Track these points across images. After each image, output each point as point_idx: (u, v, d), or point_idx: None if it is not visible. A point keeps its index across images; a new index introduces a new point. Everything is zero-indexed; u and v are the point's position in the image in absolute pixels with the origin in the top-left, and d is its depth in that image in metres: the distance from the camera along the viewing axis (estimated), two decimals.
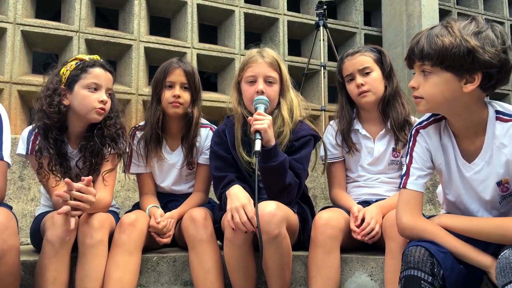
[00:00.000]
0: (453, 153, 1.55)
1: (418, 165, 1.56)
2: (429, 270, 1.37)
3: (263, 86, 1.89)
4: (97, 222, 1.75)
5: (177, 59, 2.13)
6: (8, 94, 3.38)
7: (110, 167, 1.93)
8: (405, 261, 1.42)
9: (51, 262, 1.68)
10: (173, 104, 2.05)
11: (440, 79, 1.40)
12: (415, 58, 1.44)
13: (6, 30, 3.42)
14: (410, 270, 1.39)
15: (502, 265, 1.30)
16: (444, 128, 1.56)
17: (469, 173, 1.52)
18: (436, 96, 1.43)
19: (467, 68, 1.36)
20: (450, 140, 1.55)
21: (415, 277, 1.37)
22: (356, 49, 2.08)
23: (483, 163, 1.50)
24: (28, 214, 2.58)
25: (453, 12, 5.05)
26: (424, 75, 1.43)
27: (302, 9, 4.78)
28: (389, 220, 1.72)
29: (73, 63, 1.93)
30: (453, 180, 1.57)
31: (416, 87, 1.46)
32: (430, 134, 1.57)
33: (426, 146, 1.57)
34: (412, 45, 1.45)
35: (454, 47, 1.35)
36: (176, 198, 2.17)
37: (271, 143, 1.76)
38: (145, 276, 1.90)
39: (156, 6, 4.08)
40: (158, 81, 2.08)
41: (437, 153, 1.57)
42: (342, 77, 2.09)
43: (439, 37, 1.38)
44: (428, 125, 1.58)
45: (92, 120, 1.90)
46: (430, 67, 1.41)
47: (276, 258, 1.67)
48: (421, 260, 1.38)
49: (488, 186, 1.51)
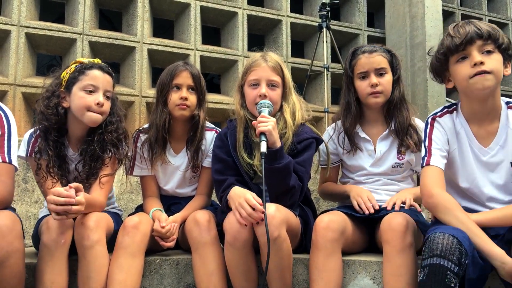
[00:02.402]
0: (467, 140, 1.69)
1: (438, 146, 1.69)
2: (456, 259, 1.34)
3: (266, 90, 1.90)
4: (92, 222, 1.75)
5: (183, 62, 2.13)
6: (12, 96, 3.39)
7: (109, 172, 1.94)
8: (430, 247, 1.38)
9: (48, 265, 1.69)
10: (180, 107, 2.04)
11: (499, 58, 1.59)
12: (476, 38, 1.57)
13: (11, 32, 3.44)
14: (436, 258, 1.36)
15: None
16: (456, 117, 1.72)
17: (486, 157, 1.67)
18: (500, 72, 1.59)
19: (510, 54, 1.62)
20: (463, 127, 1.70)
21: (441, 267, 1.34)
22: (372, 47, 2.04)
23: (498, 147, 1.66)
24: (31, 216, 2.60)
25: (456, 13, 5.03)
26: (486, 54, 1.58)
27: (305, 11, 4.78)
28: (385, 223, 1.71)
29: (73, 66, 1.94)
30: (468, 165, 1.69)
31: (484, 62, 1.56)
32: (446, 121, 1.73)
33: (443, 131, 1.71)
34: (470, 29, 1.59)
35: (504, 35, 1.59)
36: (179, 201, 2.17)
37: (277, 145, 1.77)
38: (148, 279, 1.91)
39: (160, 8, 4.08)
40: (165, 83, 2.07)
41: (452, 139, 1.71)
42: (352, 72, 2.04)
43: (492, 25, 1.60)
44: (443, 115, 1.74)
45: (89, 124, 1.91)
46: (493, 47, 1.58)
47: (276, 260, 1.68)
48: (449, 248, 1.36)
49: (502, 168, 1.66)
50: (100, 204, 1.88)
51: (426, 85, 4.23)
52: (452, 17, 5.00)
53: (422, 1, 4.40)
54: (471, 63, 1.58)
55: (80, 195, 1.66)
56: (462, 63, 1.61)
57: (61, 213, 1.63)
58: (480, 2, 5.24)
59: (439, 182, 1.62)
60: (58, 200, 1.61)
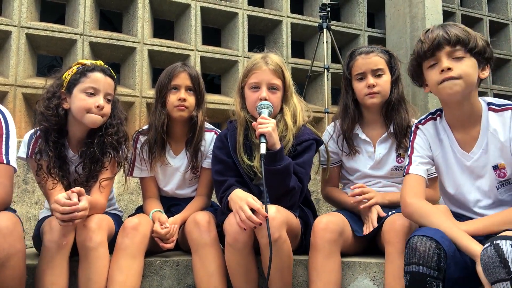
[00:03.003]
0: (450, 145, 1.68)
1: (419, 154, 1.70)
2: (435, 265, 1.36)
3: (266, 93, 1.90)
4: (94, 224, 1.75)
5: (182, 63, 2.13)
6: (13, 97, 3.40)
7: (109, 175, 1.94)
8: (409, 254, 1.40)
9: (49, 267, 1.70)
10: (179, 108, 2.04)
11: (471, 62, 1.56)
12: (444, 43, 1.55)
13: (11, 33, 3.44)
14: (415, 266, 1.37)
15: (485, 263, 1.31)
16: (440, 123, 1.72)
17: (469, 162, 1.65)
18: (471, 76, 1.56)
19: (486, 57, 1.58)
20: (446, 133, 1.69)
21: (421, 274, 1.36)
22: (370, 48, 2.03)
23: (481, 151, 1.63)
24: (32, 217, 2.60)
25: (457, 13, 5.03)
26: (456, 60, 1.56)
27: (306, 11, 4.78)
28: (387, 224, 1.72)
29: (75, 67, 1.94)
30: (453, 171, 1.69)
31: (452, 68, 1.55)
32: (428, 128, 1.73)
33: (425, 137, 1.72)
34: (438, 34, 1.57)
35: (480, 37, 1.57)
36: (179, 202, 2.17)
37: (276, 146, 1.77)
38: (148, 280, 1.91)
39: (160, 8, 4.09)
40: (163, 84, 2.07)
41: (434, 145, 1.71)
42: (350, 74, 2.04)
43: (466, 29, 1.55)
44: (426, 122, 1.75)
45: (89, 125, 1.90)
46: (463, 52, 1.55)
47: (276, 261, 1.68)
48: (426, 255, 1.37)
49: (486, 172, 1.64)
50: (101, 206, 1.88)
51: None
52: (452, 17, 5.00)
53: (423, 2, 4.41)
54: (439, 69, 1.57)
55: (83, 200, 1.67)
56: (433, 69, 1.60)
57: (66, 220, 1.64)
58: (481, 3, 5.24)
59: (415, 191, 1.63)
60: (64, 209, 1.62)
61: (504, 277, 1.28)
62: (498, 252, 1.28)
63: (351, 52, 2.07)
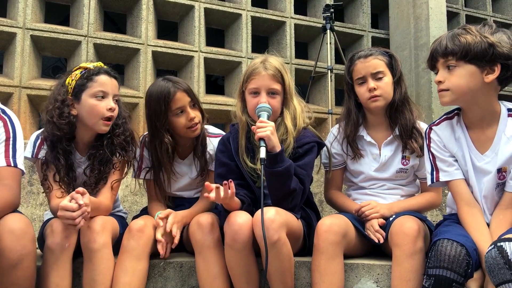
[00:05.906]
0: (467, 144, 1.70)
1: (442, 157, 1.73)
2: (463, 271, 1.37)
3: (266, 99, 1.89)
4: (98, 226, 1.76)
5: (171, 83, 1.99)
6: (18, 98, 3.42)
7: (119, 177, 1.95)
8: (436, 257, 1.40)
9: (52, 269, 1.71)
10: (192, 129, 2.01)
11: (465, 70, 1.59)
12: (438, 56, 1.62)
13: (16, 35, 3.46)
14: (442, 270, 1.38)
15: (489, 265, 1.33)
16: (457, 122, 1.74)
17: (480, 162, 1.68)
18: (461, 86, 1.60)
19: (489, 59, 1.56)
20: (463, 133, 1.71)
21: (447, 279, 1.36)
22: (368, 51, 2.02)
23: (493, 154, 1.66)
24: (37, 219, 2.61)
25: (461, 14, 5.02)
26: (448, 70, 1.61)
27: (309, 12, 4.78)
28: (395, 226, 1.72)
29: (77, 72, 1.92)
30: (468, 169, 1.70)
31: (442, 80, 1.61)
32: (442, 129, 1.76)
33: (438, 139, 1.75)
34: (434, 46, 1.65)
35: (476, 42, 1.56)
36: (183, 202, 2.18)
37: (276, 149, 1.77)
38: (152, 282, 1.91)
39: (164, 10, 4.10)
40: (160, 111, 1.97)
41: (450, 144, 1.73)
42: (351, 79, 2.03)
43: (461, 36, 1.59)
44: (440, 122, 1.77)
45: (99, 131, 1.91)
46: (455, 61, 1.59)
47: (276, 263, 1.68)
48: (456, 260, 1.38)
49: (491, 173, 1.66)
50: (105, 207, 1.89)
51: (430, 86, 4.22)
52: (456, 18, 5.00)
53: (427, 2, 4.40)
54: (436, 80, 1.67)
55: (85, 197, 1.67)
56: None
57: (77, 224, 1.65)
58: (485, 3, 5.23)
59: (464, 197, 1.69)
60: (71, 215, 1.62)
61: (509, 278, 1.30)
62: (502, 253, 1.30)
63: (351, 56, 2.06)
